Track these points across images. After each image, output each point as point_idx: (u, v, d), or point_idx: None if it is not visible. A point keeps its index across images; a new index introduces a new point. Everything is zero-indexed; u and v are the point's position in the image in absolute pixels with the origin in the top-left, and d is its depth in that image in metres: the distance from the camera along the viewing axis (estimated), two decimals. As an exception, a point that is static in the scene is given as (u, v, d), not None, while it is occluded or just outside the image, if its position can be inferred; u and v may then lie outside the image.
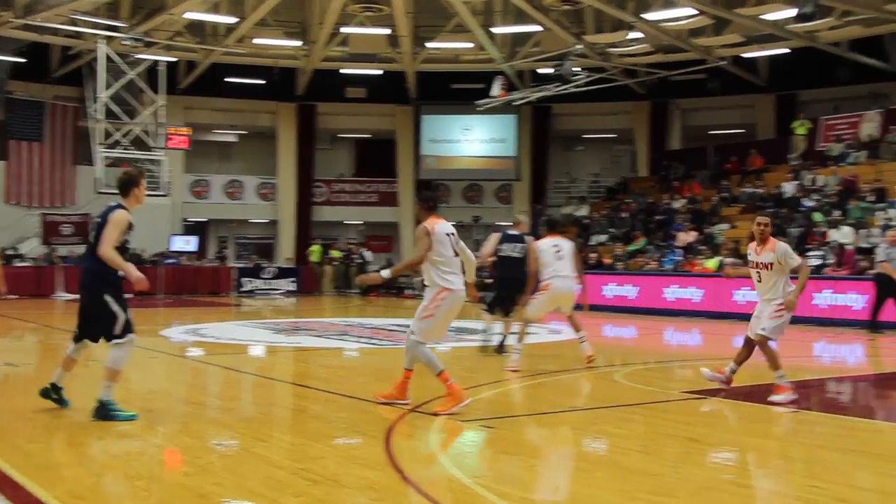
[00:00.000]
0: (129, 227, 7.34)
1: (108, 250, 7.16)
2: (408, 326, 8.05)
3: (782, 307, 8.66)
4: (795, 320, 19.71)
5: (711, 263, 22.69)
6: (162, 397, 9.06)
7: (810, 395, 9.69)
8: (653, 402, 8.85)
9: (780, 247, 8.72)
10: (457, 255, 7.92)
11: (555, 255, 10.92)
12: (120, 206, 7.38)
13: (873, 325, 16.95)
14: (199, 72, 32.30)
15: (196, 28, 30.22)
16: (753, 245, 8.95)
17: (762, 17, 25.44)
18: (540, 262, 11.03)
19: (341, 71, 33.38)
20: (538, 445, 7.28)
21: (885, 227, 20.99)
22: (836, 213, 22.73)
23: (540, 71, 30.94)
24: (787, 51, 28.12)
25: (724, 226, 25.45)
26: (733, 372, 9.12)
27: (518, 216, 13.51)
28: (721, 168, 29.64)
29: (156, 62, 28.98)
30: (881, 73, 28.15)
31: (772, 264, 8.67)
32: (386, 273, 7.91)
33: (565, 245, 11.10)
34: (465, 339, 14.34)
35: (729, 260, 22.51)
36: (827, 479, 5.83)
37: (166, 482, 5.76)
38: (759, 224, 8.74)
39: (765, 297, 8.84)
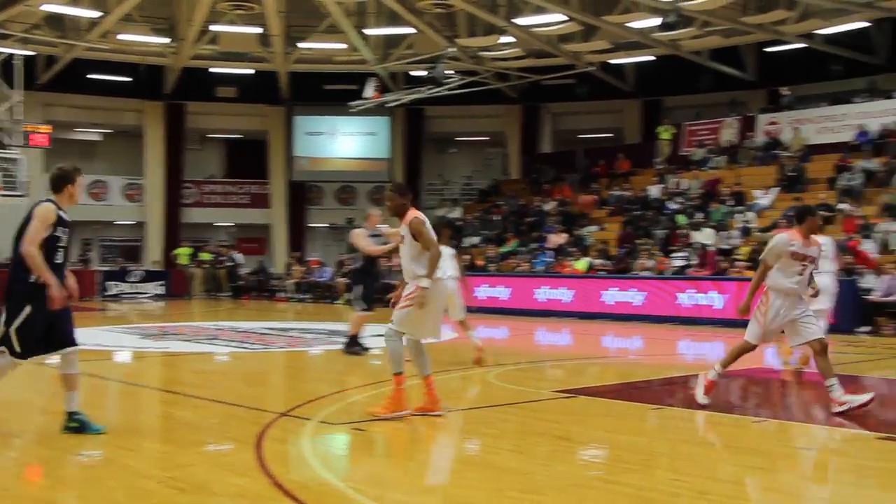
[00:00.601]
0: (61, 223, 6.71)
1: (29, 247, 6.51)
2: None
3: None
4: (661, 319, 20.34)
5: (581, 265, 23.22)
6: (18, 407, 8.63)
7: (675, 392, 10.02)
8: (524, 402, 8.97)
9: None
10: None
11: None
12: (48, 200, 6.76)
13: None
14: (60, 67, 30.99)
15: (55, 21, 28.95)
16: (798, 235, 8.13)
17: (628, 24, 26.22)
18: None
19: (211, 70, 32.74)
20: (410, 447, 7.27)
21: (744, 230, 21.94)
22: (699, 216, 23.61)
23: (413, 73, 31.04)
24: (652, 58, 29.13)
25: (594, 228, 26.09)
26: (841, 388, 8.00)
27: (370, 210, 13.61)
28: (590, 171, 30.38)
29: (11, 56, 27.69)
30: (739, 82, 29.52)
31: (816, 259, 8.27)
32: (426, 282, 7.57)
33: (445, 250, 11.47)
34: (336, 341, 14.18)
35: (598, 261, 23.07)
36: (690, 473, 6.03)
37: (22, 496, 5.46)
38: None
39: (800, 293, 8.16)
